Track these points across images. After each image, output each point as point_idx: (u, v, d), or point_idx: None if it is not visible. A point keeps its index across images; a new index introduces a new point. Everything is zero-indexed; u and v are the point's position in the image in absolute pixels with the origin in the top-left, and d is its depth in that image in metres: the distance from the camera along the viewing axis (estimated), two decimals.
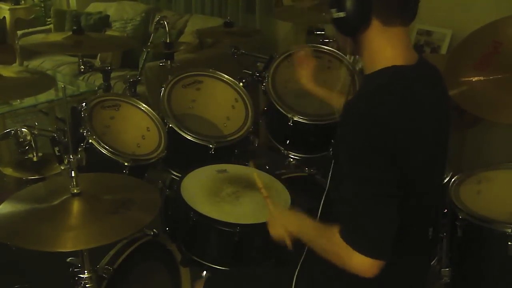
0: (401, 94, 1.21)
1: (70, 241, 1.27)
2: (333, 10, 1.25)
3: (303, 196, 1.93)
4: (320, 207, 1.42)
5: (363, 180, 1.15)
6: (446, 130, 1.34)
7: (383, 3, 1.21)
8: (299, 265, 1.40)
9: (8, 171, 2.03)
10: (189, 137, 2.07)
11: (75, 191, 1.38)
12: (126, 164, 1.87)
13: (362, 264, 1.13)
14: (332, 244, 1.18)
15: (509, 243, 1.52)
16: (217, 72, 2.33)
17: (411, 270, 1.38)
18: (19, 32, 5.06)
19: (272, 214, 1.49)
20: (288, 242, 1.39)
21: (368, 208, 1.15)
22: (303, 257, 1.40)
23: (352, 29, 1.25)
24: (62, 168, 1.80)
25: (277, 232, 1.42)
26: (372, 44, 1.25)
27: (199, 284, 1.57)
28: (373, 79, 1.25)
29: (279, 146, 2.29)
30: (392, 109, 1.17)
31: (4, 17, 6.04)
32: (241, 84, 2.33)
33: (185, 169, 1.90)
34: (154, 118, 2.10)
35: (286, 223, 1.41)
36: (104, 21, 4.89)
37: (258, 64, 2.85)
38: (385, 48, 1.24)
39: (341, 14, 1.22)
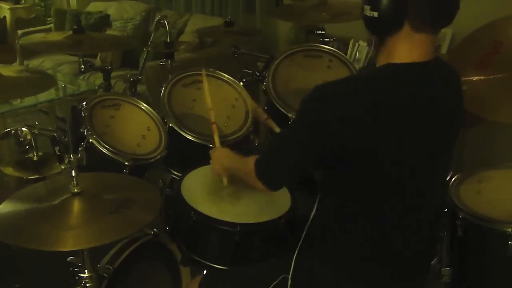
0: (372, 87, 1.21)
1: (71, 240, 1.27)
2: (367, 7, 1.23)
3: (303, 195, 1.93)
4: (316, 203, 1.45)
5: (288, 132, 1.38)
6: (445, 137, 1.31)
7: (418, 9, 1.18)
8: (294, 258, 1.42)
9: (9, 170, 2.03)
10: (189, 137, 2.06)
11: (75, 190, 1.38)
12: (126, 163, 1.87)
13: (262, 186, 1.40)
14: (247, 165, 1.42)
15: (510, 242, 1.51)
16: (217, 71, 2.33)
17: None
18: (20, 32, 5.07)
19: (213, 152, 1.74)
20: (224, 179, 1.71)
21: (280, 151, 1.37)
22: (297, 249, 1.42)
23: (382, 30, 1.24)
24: (63, 167, 1.80)
25: (216, 167, 1.71)
26: (395, 46, 1.23)
27: (194, 283, 1.58)
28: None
29: None
30: (347, 96, 1.21)
31: (5, 17, 6.04)
32: (241, 83, 2.33)
33: (186, 169, 1.90)
34: (154, 118, 2.10)
35: (221, 157, 1.69)
36: (104, 21, 4.89)
37: (259, 63, 2.85)
38: (404, 52, 1.22)
39: (374, 14, 1.21)
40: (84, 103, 1.98)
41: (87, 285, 1.53)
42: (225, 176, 1.70)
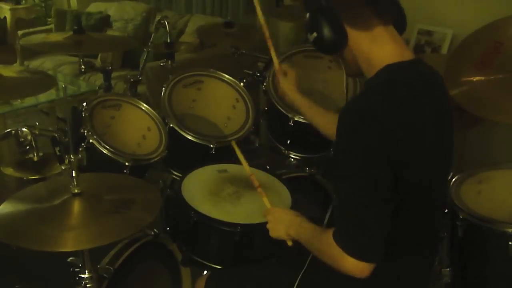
0: (398, 91, 1.20)
1: (71, 241, 1.27)
2: (308, 34, 1.26)
3: (304, 196, 1.93)
4: (328, 214, 1.43)
5: (358, 182, 1.15)
6: (449, 130, 1.32)
7: (351, 12, 1.21)
8: (304, 269, 1.40)
9: (9, 171, 2.03)
10: (190, 137, 2.07)
11: (75, 191, 1.38)
12: (126, 164, 1.87)
13: (355, 266, 1.17)
14: (327, 245, 1.21)
15: (510, 243, 1.52)
16: (217, 72, 2.33)
17: (410, 273, 1.38)
18: (20, 32, 5.07)
19: (272, 213, 1.52)
20: (289, 243, 1.45)
21: (361, 211, 1.16)
22: (307, 262, 1.40)
23: (333, 46, 1.25)
24: (63, 168, 1.80)
25: (278, 233, 1.47)
26: (360, 52, 1.24)
27: (201, 281, 1.57)
28: (371, 81, 1.25)
29: (279, 146, 2.29)
30: (390, 107, 1.16)
31: (5, 17, 6.03)
32: (241, 84, 2.33)
33: (186, 169, 1.90)
34: (154, 118, 2.10)
35: (286, 224, 1.45)
36: (104, 21, 4.89)
37: (259, 64, 2.85)
38: (372, 50, 1.23)
39: (314, 35, 1.24)
40: (85, 103, 1.98)
41: (88, 285, 1.53)
42: (290, 240, 1.46)
